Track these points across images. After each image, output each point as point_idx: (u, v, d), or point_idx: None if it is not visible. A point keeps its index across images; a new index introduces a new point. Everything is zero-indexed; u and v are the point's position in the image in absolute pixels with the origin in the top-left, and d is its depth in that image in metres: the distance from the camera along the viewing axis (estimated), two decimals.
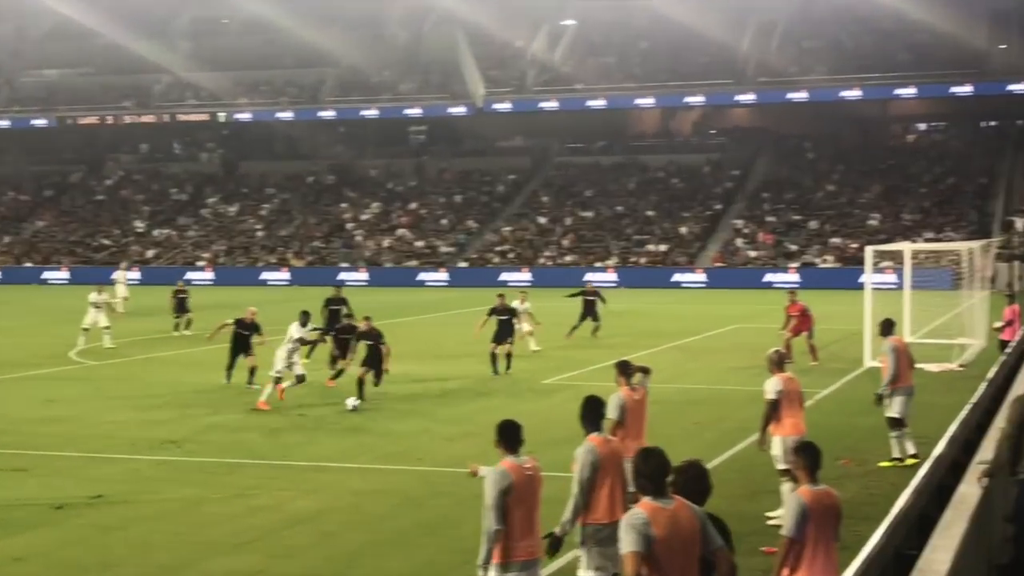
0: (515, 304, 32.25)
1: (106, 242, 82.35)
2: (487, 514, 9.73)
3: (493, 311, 30.39)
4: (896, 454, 18.32)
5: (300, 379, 25.58)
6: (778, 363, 15.55)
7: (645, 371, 14.61)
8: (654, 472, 7.72)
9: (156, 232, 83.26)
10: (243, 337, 27.62)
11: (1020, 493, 11.24)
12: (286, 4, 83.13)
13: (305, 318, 26.31)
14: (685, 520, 7.61)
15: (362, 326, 26.13)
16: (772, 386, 15.22)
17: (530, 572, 9.91)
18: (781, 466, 15.08)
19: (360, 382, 24.96)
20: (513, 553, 9.77)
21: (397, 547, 14.50)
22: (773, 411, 15.15)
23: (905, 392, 18.65)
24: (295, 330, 25.80)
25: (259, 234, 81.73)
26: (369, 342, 25.50)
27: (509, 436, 10.01)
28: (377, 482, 18.10)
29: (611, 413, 13.15)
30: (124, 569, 13.81)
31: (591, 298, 37.65)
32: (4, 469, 19.08)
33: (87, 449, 20.80)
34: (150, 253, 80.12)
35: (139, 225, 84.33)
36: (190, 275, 70.56)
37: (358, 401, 24.41)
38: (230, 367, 27.93)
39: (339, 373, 26.80)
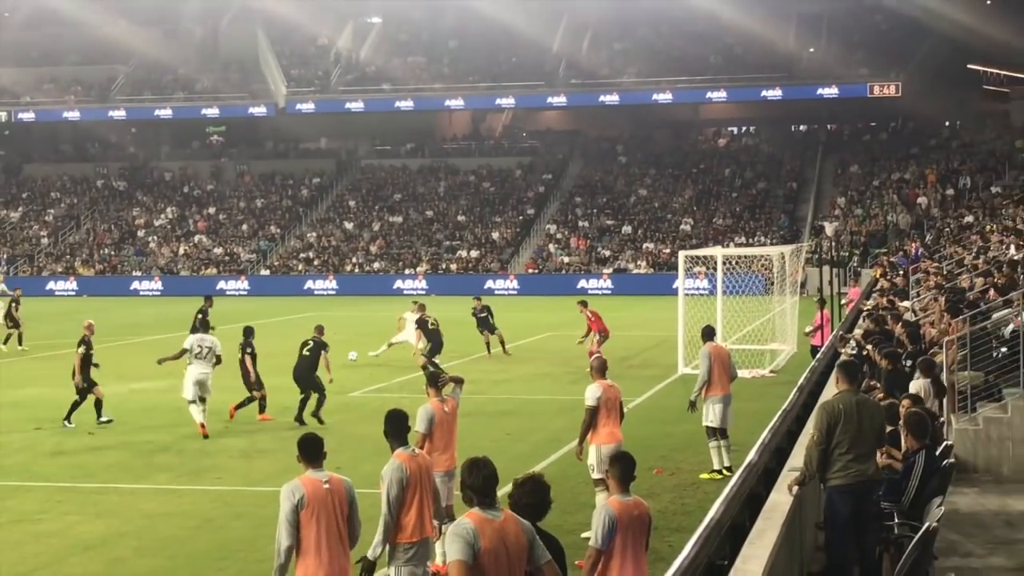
0: (407, 315, 34.20)
1: None
2: (279, 529, 9.63)
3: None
4: (716, 465, 18.63)
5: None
6: (600, 369, 15.71)
7: (458, 381, 14.57)
8: (482, 484, 7.75)
9: None
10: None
11: (829, 500, 11.58)
12: None
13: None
14: (512, 533, 7.65)
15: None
16: (592, 393, 15.37)
17: None
18: (596, 475, 15.25)
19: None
20: (315, 574, 9.59)
21: (192, 572, 14.19)
22: (592, 418, 15.29)
23: (720, 400, 18.95)
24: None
25: (44, 241, 79.37)
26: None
27: (308, 450, 9.90)
28: (172, 503, 17.70)
29: (419, 426, 13.17)
30: None
31: (482, 315, 37.16)
32: None
33: None
34: None
35: None
36: None
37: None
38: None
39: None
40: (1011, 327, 18.91)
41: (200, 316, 29.17)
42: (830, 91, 75.80)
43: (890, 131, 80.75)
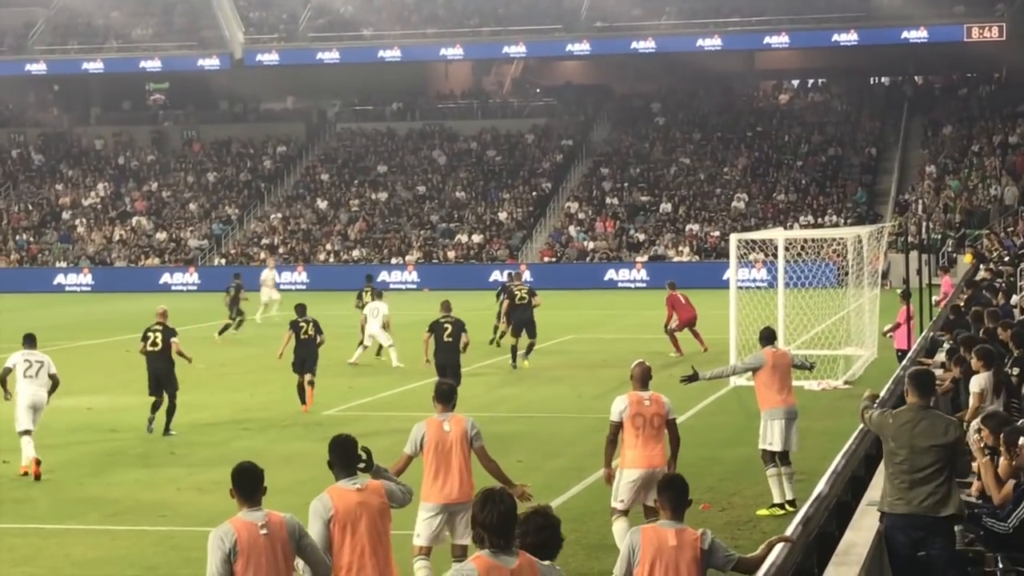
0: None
1: None
2: None
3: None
4: (777, 499, 18.56)
5: None
6: (640, 379, 15.87)
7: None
8: (497, 522, 7.90)
9: None
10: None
11: (886, 532, 11.60)
12: None
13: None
14: None
15: None
16: (615, 406, 15.62)
17: None
18: (613, 504, 15.60)
19: None
20: None
21: None
22: (614, 436, 15.57)
23: (782, 414, 18.84)
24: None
25: None
26: None
27: (242, 485, 10.07)
28: (106, 547, 17.75)
29: (406, 446, 13.85)
30: None
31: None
32: None
33: None
34: None
35: None
36: None
37: None
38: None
39: None
40: None
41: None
42: (918, 35, 75.68)
43: (993, 84, 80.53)
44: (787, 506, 18.27)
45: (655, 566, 9.61)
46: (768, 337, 20.09)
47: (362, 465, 10.91)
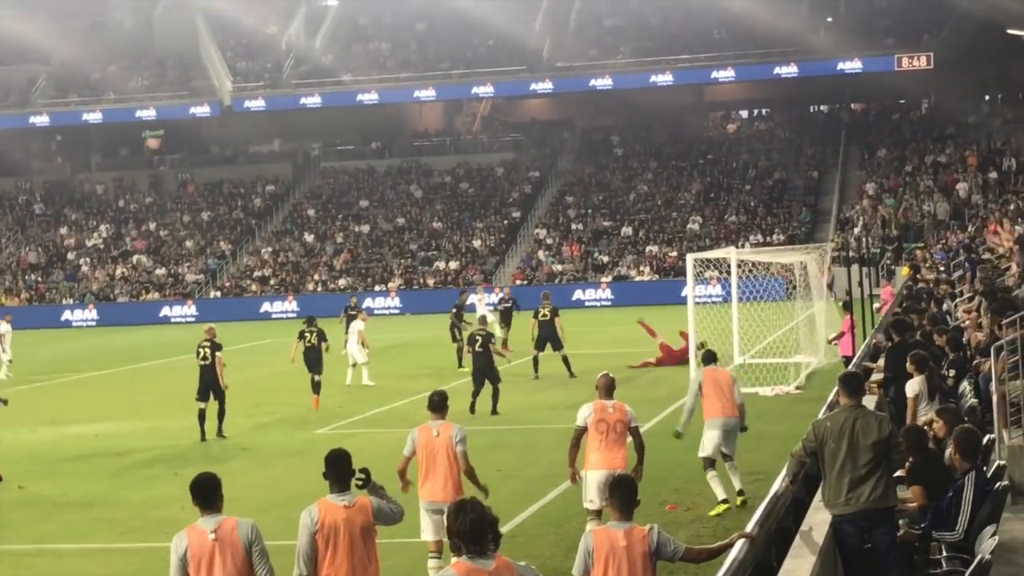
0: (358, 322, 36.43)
1: None
2: None
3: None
4: (720, 496, 18.58)
5: None
6: (605, 388, 16.02)
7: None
8: (469, 529, 7.89)
9: None
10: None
11: (835, 532, 11.59)
12: None
13: None
14: None
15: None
16: (581, 412, 15.88)
17: None
18: (585, 505, 15.78)
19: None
20: None
21: None
22: (576, 439, 15.84)
23: (718, 425, 18.91)
24: None
25: None
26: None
27: (199, 494, 10.33)
28: (119, 565, 17.65)
29: (405, 448, 14.80)
30: None
31: (507, 305, 42.21)
32: None
33: None
34: None
35: None
36: None
37: None
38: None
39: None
40: None
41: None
42: (852, 66, 75.91)
43: (922, 109, 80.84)
44: (738, 499, 18.41)
45: (608, 566, 9.65)
46: (708, 358, 20.38)
47: (359, 483, 10.88)
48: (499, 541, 8.14)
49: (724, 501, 18.45)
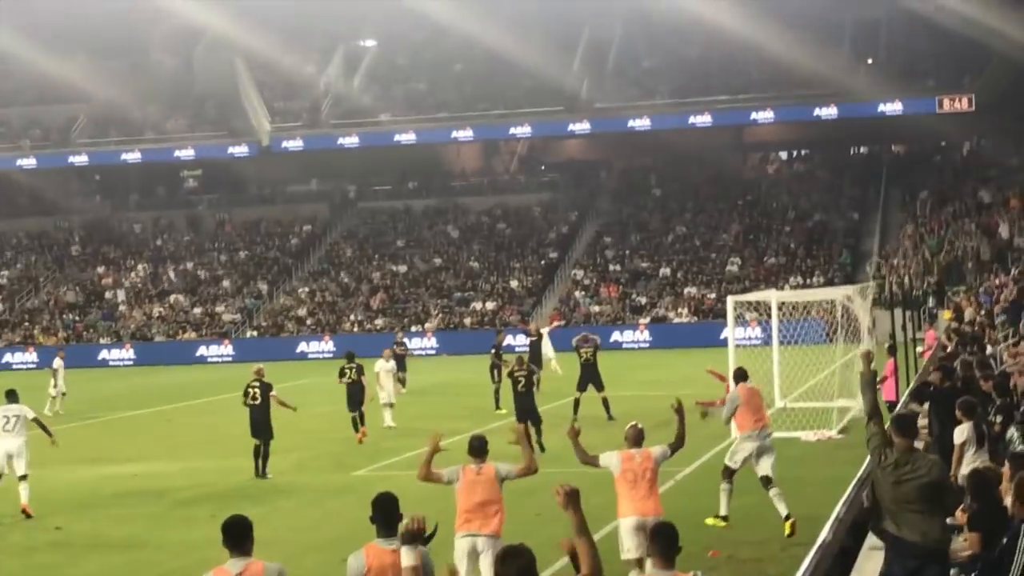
0: (381, 362, 36.58)
1: None
2: None
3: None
4: (723, 511, 19.66)
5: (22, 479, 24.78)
6: (632, 439, 16.25)
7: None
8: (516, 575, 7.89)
9: None
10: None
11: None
12: (23, 29, 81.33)
13: (11, 396, 25.47)
14: None
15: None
16: (609, 459, 16.39)
17: None
18: (623, 556, 15.90)
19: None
20: None
21: None
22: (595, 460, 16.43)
23: (752, 438, 20.13)
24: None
25: None
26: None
27: (230, 535, 10.59)
28: None
29: (445, 474, 15.19)
30: None
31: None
32: None
33: None
34: None
35: None
36: None
37: None
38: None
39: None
40: None
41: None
42: (893, 108, 75.73)
43: (964, 151, 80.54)
44: (785, 522, 19.00)
45: None
46: (740, 375, 21.87)
47: (427, 538, 10.83)
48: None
49: (724, 518, 19.47)
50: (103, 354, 72.13)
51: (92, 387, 54.93)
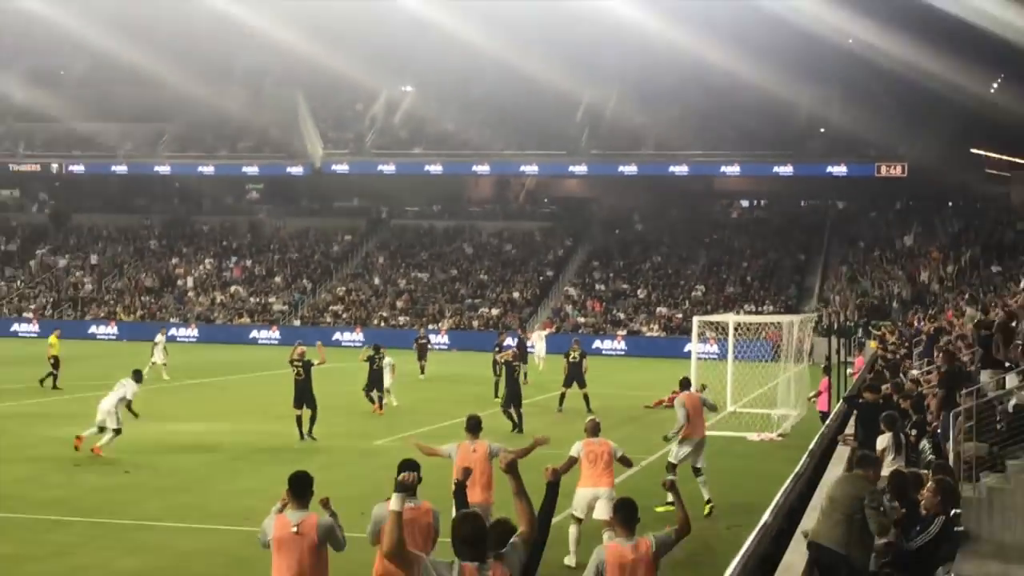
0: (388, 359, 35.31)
1: None
2: None
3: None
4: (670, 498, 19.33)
5: (117, 432, 25.20)
6: (590, 430, 16.97)
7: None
8: (468, 536, 7.77)
9: None
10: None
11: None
12: (127, 54, 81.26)
13: (138, 376, 26.46)
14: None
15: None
16: (575, 447, 16.61)
17: None
18: (570, 511, 16.34)
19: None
20: None
21: None
22: (568, 465, 15.97)
23: (691, 443, 20.37)
24: (128, 387, 25.69)
25: (88, 287, 79.59)
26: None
27: (295, 488, 10.57)
28: (204, 542, 17.58)
29: (444, 449, 15.37)
30: None
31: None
32: None
33: None
34: None
35: None
36: (15, 327, 69.00)
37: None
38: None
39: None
40: (1013, 401, 18.69)
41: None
42: (838, 170, 75.87)
43: (896, 209, 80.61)
44: (706, 505, 19.52)
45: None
46: (685, 384, 22.01)
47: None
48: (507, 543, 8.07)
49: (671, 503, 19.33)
50: (172, 331, 71.92)
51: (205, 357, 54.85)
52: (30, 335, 69.01)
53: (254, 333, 71.27)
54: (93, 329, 72.04)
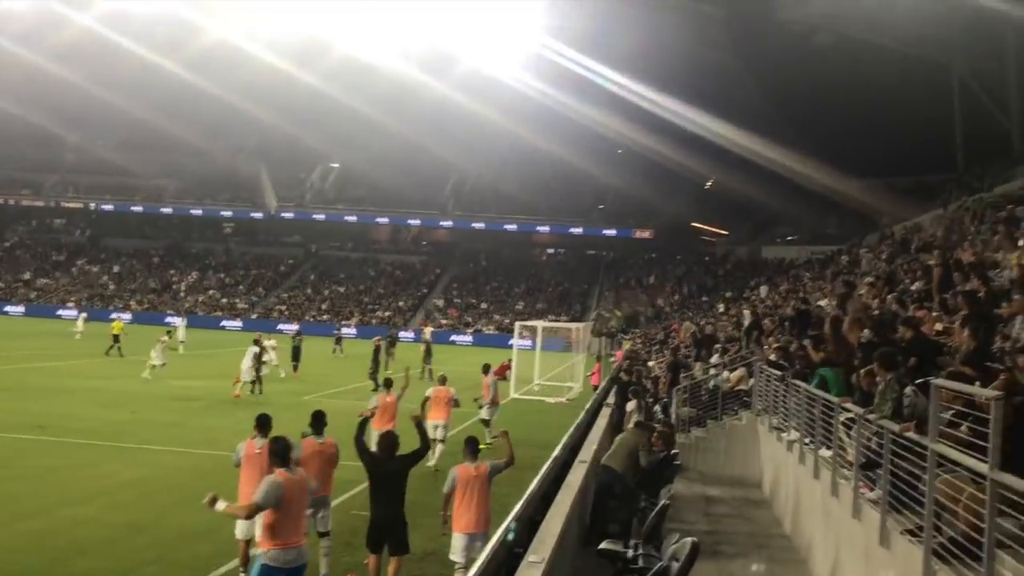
0: (267, 343, 30.49)
1: (0, 285, 75.38)
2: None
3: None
4: (488, 439, 19.64)
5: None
6: (440, 381, 17.33)
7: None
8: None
9: (39, 281, 76.84)
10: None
11: (599, 480, 11.74)
12: (154, 122, 78.09)
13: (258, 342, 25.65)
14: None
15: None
16: (428, 391, 16.53)
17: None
18: (432, 434, 15.87)
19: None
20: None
21: (197, 505, 13.62)
22: (423, 404, 15.47)
23: (494, 405, 20.69)
24: (250, 351, 26.24)
25: (111, 287, 76.45)
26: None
27: (260, 425, 10.02)
28: (184, 461, 17.08)
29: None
30: None
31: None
32: None
33: None
34: (32, 295, 73.77)
35: (26, 275, 77.66)
36: (62, 312, 65.85)
37: None
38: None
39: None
40: (712, 384, 19.39)
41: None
42: (610, 232, 77.55)
43: (644, 259, 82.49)
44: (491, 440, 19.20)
45: (466, 487, 9.65)
46: (486, 369, 21.50)
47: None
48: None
49: (489, 443, 19.09)
50: (168, 319, 69.02)
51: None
52: (71, 317, 65.85)
53: (224, 323, 69.25)
54: (114, 316, 68.68)
